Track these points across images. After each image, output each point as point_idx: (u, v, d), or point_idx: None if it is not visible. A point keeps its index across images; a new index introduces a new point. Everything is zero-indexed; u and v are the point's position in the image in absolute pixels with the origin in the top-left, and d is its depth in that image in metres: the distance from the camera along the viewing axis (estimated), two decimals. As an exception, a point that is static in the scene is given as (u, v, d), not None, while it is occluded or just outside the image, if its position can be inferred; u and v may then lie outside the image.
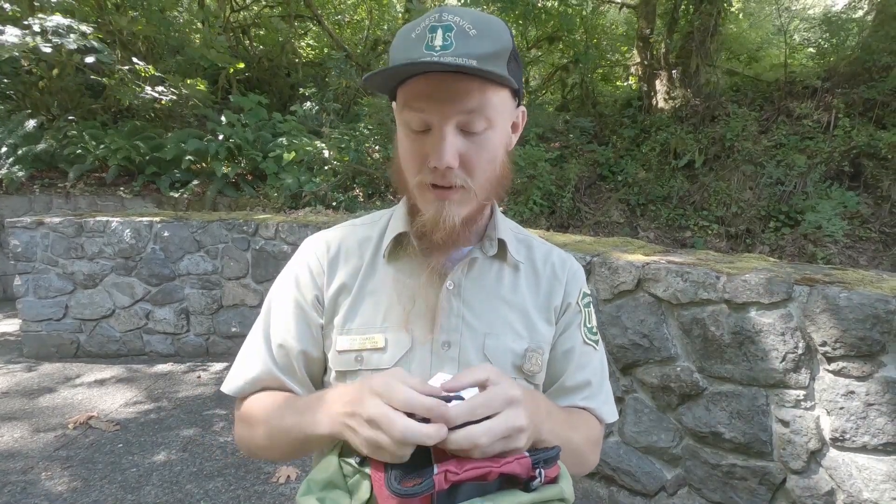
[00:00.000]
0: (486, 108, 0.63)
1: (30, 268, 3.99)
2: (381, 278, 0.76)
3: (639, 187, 5.97)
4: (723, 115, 6.28)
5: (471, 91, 0.62)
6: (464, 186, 0.66)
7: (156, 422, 3.07)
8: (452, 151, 0.63)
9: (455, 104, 0.62)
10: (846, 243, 4.65)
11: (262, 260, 3.97)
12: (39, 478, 2.51)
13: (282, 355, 0.76)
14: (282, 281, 0.80)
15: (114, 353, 4.11)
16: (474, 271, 0.76)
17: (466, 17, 0.62)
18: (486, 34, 0.62)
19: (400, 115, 0.67)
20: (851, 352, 1.64)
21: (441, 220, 0.67)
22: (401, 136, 0.69)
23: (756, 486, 1.90)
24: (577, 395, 0.78)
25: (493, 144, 0.67)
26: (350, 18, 10.36)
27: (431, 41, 0.60)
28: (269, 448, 0.72)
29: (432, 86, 0.62)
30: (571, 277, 0.81)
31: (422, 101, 0.63)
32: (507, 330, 0.74)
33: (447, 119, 0.63)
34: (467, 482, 0.52)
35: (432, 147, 0.64)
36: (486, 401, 0.54)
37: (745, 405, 1.89)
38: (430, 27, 0.61)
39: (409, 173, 0.69)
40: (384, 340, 0.71)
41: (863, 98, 5.62)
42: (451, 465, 0.52)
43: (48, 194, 6.13)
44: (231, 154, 6.55)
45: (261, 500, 2.36)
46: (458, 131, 0.64)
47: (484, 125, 0.64)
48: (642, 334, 2.13)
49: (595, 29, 8.41)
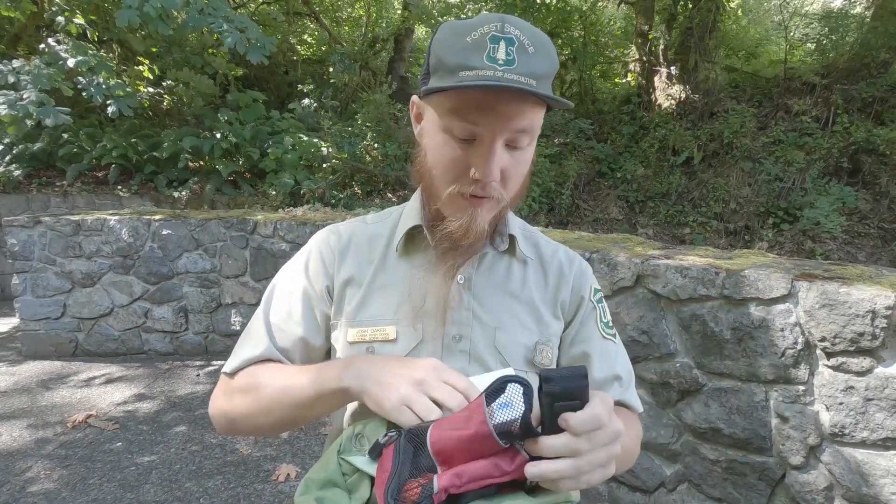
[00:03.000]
0: (534, 128, 0.65)
1: (27, 267, 3.97)
2: (393, 272, 0.76)
3: (637, 184, 5.97)
4: (721, 112, 6.28)
5: (525, 111, 0.62)
6: (499, 199, 0.68)
7: (155, 420, 3.07)
8: (500, 165, 0.64)
9: (510, 121, 0.62)
10: (845, 239, 4.65)
11: (260, 258, 3.96)
12: (38, 477, 2.50)
13: (283, 338, 0.75)
14: (290, 267, 0.80)
15: (112, 352, 4.10)
16: (484, 266, 0.76)
17: (525, 31, 0.61)
18: (543, 53, 0.62)
19: (441, 119, 0.65)
20: (851, 347, 1.64)
21: (472, 228, 0.68)
22: (438, 142, 0.67)
23: (755, 482, 1.90)
24: (609, 389, 0.78)
25: (528, 158, 0.69)
26: (347, 16, 10.33)
27: (493, 52, 0.59)
28: (266, 412, 0.70)
29: (491, 100, 0.61)
30: (580, 274, 0.82)
31: (477, 114, 0.62)
32: (516, 324, 0.74)
33: (499, 135, 0.63)
34: (468, 492, 0.51)
35: (479, 160, 0.64)
36: (603, 434, 0.50)
37: (745, 401, 1.89)
38: (491, 37, 0.60)
39: (443, 181, 0.68)
40: (395, 332, 0.72)
41: (861, 94, 5.62)
42: (453, 479, 0.50)
43: (46, 193, 6.10)
44: (229, 152, 6.54)
45: (260, 499, 2.36)
46: (504, 146, 0.64)
47: (527, 142, 0.66)
48: (641, 331, 2.13)
49: (593, 25, 8.39)
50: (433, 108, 0.67)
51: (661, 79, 7.21)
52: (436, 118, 0.67)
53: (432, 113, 0.68)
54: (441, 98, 0.64)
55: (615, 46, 8.95)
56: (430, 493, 0.49)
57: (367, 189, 6.30)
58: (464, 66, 0.60)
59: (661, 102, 7.09)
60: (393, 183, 6.19)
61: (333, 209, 5.39)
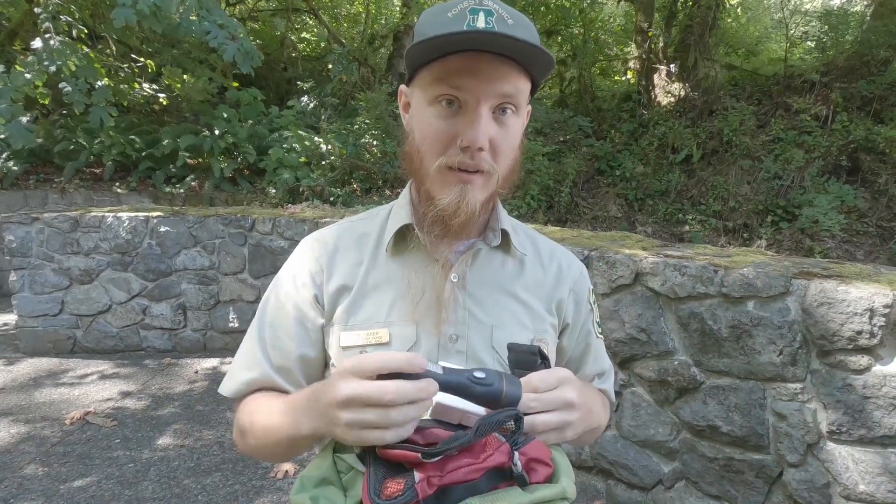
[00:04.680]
0: (518, 95, 0.65)
1: (25, 263, 3.96)
2: (383, 273, 0.74)
3: (637, 182, 5.96)
4: (721, 110, 6.27)
5: (509, 75, 0.63)
6: (489, 171, 0.66)
7: (153, 417, 3.07)
8: (487, 132, 0.64)
9: (494, 85, 0.62)
10: (843, 237, 4.65)
11: (258, 255, 3.95)
12: (37, 473, 2.50)
13: (277, 357, 0.75)
14: (278, 282, 0.79)
15: (110, 349, 4.10)
16: (478, 263, 0.75)
17: (503, 7, 0.63)
18: (523, 24, 0.63)
19: (427, 92, 0.65)
20: (849, 345, 1.64)
21: (463, 205, 0.66)
22: (425, 117, 0.67)
23: (753, 479, 1.91)
24: (595, 382, 0.87)
25: (516, 132, 0.68)
26: (347, 12, 10.30)
27: (473, 21, 0.60)
28: (263, 449, 0.71)
29: (475, 64, 0.61)
30: (580, 276, 0.84)
31: (461, 78, 0.62)
32: (513, 321, 0.74)
33: (485, 99, 0.63)
34: (453, 484, 0.51)
35: (466, 126, 0.63)
36: (544, 375, 0.60)
37: (743, 399, 1.90)
38: (470, 9, 0.61)
39: (431, 155, 0.67)
40: (388, 335, 0.70)
41: (861, 92, 5.61)
42: (432, 470, 0.51)
43: (43, 190, 6.08)
44: (227, 150, 6.52)
45: (259, 495, 2.36)
46: (491, 116, 0.64)
47: (512, 111, 0.66)
48: (640, 328, 2.13)
49: (593, 23, 8.37)
50: (419, 87, 0.68)
51: (661, 76, 7.20)
52: (422, 96, 0.67)
53: (419, 93, 0.68)
54: (425, 72, 0.65)
55: (615, 44, 8.93)
56: (413, 484, 0.49)
57: (365, 186, 6.29)
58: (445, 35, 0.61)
59: (661, 100, 7.08)
60: (392, 180, 6.19)
61: (332, 206, 5.38)
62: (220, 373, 3.75)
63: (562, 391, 0.60)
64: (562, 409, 0.60)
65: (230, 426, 2.98)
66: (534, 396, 0.58)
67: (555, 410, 0.59)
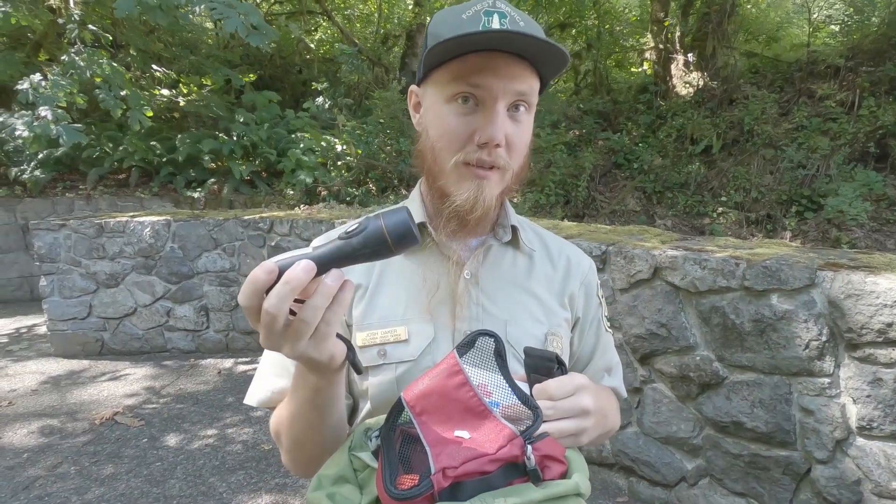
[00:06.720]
0: (530, 94, 0.67)
1: (54, 269, 4.09)
2: (397, 271, 0.75)
3: (655, 174, 5.86)
4: (741, 99, 6.13)
5: (524, 74, 0.65)
6: (504, 167, 0.68)
7: (178, 417, 3.14)
8: (504, 128, 0.65)
9: (511, 83, 0.64)
10: (872, 227, 4.51)
11: (277, 256, 4.01)
12: (69, 472, 2.58)
13: None
14: None
15: (137, 351, 4.20)
16: (489, 259, 0.76)
17: (516, 11, 0.66)
18: (533, 28, 0.65)
19: (443, 91, 0.67)
20: (878, 338, 1.59)
21: (480, 200, 0.68)
22: (441, 114, 0.68)
23: (780, 476, 1.86)
24: (603, 377, 0.85)
25: (529, 129, 0.71)
26: (360, 12, 10.34)
27: (489, 23, 0.63)
28: (299, 447, 0.69)
29: (492, 62, 0.63)
30: (589, 271, 0.85)
31: (480, 76, 0.64)
32: (526, 316, 0.74)
33: (502, 97, 0.65)
34: (468, 477, 0.51)
35: (484, 123, 0.65)
36: (560, 383, 0.59)
37: (768, 394, 1.85)
38: (484, 11, 0.64)
39: (448, 152, 0.68)
40: (406, 332, 0.71)
41: (889, 76, 5.42)
42: (447, 461, 0.51)
43: (69, 197, 6.27)
44: (246, 152, 6.62)
45: (282, 493, 2.40)
46: (506, 111, 0.66)
47: (525, 109, 0.68)
48: (660, 323, 2.09)
49: (608, 14, 8.26)
50: (433, 86, 0.69)
51: (678, 66, 7.06)
52: (437, 95, 0.68)
53: (433, 92, 0.69)
54: (441, 71, 0.66)
55: (630, 35, 8.80)
56: (429, 474, 0.49)
57: (381, 185, 6.32)
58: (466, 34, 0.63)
59: (679, 90, 6.95)
60: (407, 178, 6.20)
61: (349, 206, 5.42)
62: (242, 372, 3.82)
63: (578, 398, 0.60)
64: (578, 416, 0.60)
65: (252, 425, 3.03)
66: (550, 404, 0.58)
67: (571, 418, 0.59)
